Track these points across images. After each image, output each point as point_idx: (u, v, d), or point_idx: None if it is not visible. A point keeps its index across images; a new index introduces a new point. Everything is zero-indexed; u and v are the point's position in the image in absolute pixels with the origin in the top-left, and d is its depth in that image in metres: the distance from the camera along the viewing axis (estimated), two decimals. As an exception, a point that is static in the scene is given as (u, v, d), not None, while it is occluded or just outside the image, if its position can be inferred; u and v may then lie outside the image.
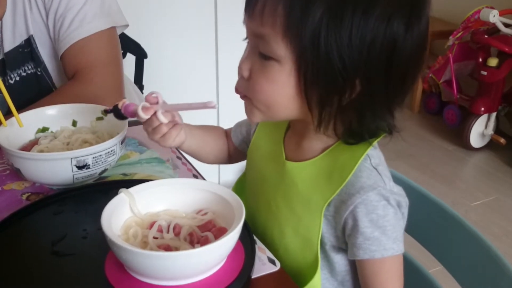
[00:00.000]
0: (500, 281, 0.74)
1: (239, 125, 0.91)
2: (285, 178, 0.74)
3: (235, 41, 2.18)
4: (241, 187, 0.88)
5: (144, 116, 0.74)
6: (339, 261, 0.73)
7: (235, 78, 0.71)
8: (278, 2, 0.61)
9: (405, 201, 0.70)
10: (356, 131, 0.67)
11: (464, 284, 0.82)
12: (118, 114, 0.77)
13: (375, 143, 0.70)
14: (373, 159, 0.69)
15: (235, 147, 0.90)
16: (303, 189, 0.72)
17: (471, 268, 0.81)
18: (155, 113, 0.74)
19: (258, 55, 0.65)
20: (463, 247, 0.82)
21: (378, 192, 0.66)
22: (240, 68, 0.68)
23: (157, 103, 0.74)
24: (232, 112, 2.18)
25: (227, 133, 0.92)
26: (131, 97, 1.35)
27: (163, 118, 0.74)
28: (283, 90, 0.65)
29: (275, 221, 0.76)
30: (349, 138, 0.68)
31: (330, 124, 0.66)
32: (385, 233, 0.67)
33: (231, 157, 0.92)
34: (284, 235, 0.74)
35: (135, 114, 0.75)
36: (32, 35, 1.12)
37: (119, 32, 1.19)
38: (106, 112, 0.83)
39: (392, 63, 0.62)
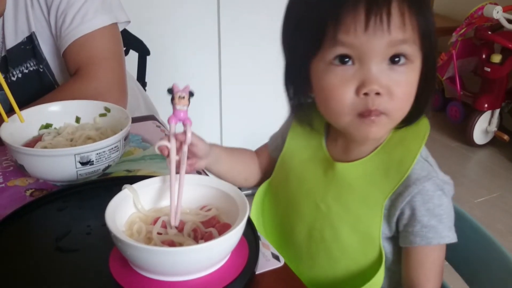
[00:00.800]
0: (504, 275, 0.74)
1: (274, 137, 0.90)
2: (336, 179, 0.76)
3: (238, 37, 2.19)
4: (265, 193, 0.87)
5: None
6: (388, 250, 0.75)
7: (237, 74, 0.71)
8: (409, 5, 0.64)
9: (452, 191, 0.73)
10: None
11: (467, 278, 0.83)
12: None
13: (427, 136, 0.72)
14: (423, 152, 0.73)
15: (273, 160, 0.88)
16: (358, 188, 0.74)
17: (474, 262, 0.81)
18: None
19: (387, 66, 0.65)
20: (467, 242, 0.82)
21: (433, 182, 0.70)
22: (375, 86, 0.65)
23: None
24: (234, 106, 2.18)
25: (258, 153, 0.91)
26: (134, 95, 1.35)
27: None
28: (415, 86, 0.68)
29: (326, 222, 0.76)
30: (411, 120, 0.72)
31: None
32: (441, 222, 0.70)
33: (266, 173, 0.90)
34: (339, 235, 0.74)
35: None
36: (34, 32, 1.12)
37: (120, 28, 1.19)
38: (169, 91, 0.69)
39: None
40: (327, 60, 0.66)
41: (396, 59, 0.65)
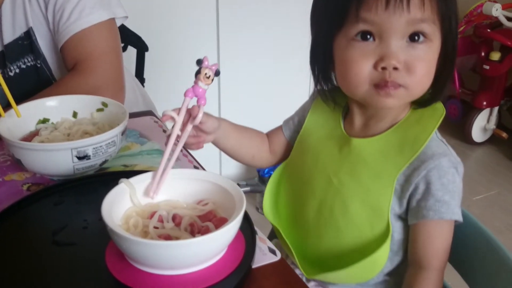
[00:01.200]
0: (500, 271, 0.74)
1: (288, 119, 0.92)
2: (351, 154, 0.78)
3: (236, 33, 2.19)
4: (281, 173, 0.89)
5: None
6: (397, 229, 0.76)
7: (236, 69, 0.71)
8: None
9: (463, 172, 0.76)
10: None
11: (465, 275, 0.82)
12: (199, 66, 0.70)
13: (442, 117, 0.76)
14: (438, 133, 0.76)
15: (287, 142, 0.91)
16: (372, 162, 0.76)
17: (473, 259, 0.81)
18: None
19: (406, 43, 0.69)
20: (466, 239, 0.82)
21: (448, 160, 0.73)
22: (390, 63, 0.68)
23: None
24: (232, 103, 2.18)
25: (269, 134, 0.92)
26: (132, 90, 1.35)
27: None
28: (433, 64, 0.72)
29: (337, 196, 0.78)
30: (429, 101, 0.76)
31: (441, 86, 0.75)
32: (453, 198, 0.73)
33: (277, 155, 0.92)
34: (348, 208, 0.76)
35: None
36: (31, 27, 1.12)
37: (118, 24, 1.19)
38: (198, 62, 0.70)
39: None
40: (350, 36, 0.71)
41: (416, 37, 0.69)
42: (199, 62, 0.69)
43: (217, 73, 0.69)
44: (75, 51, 1.10)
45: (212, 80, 0.69)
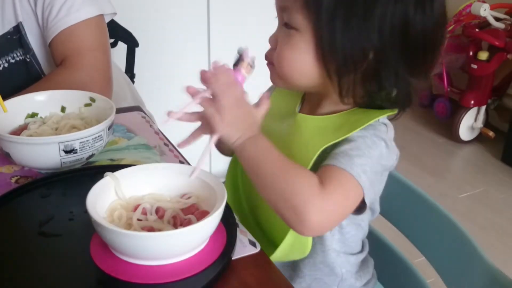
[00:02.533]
0: (479, 275, 0.75)
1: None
2: (291, 127, 0.80)
3: (227, 28, 2.20)
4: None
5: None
6: None
7: (226, 63, 0.73)
8: None
9: (394, 154, 0.75)
10: (375, 99, 0.73)
11: (444, 275, 0.85)
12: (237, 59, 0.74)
13: (390, 113, 0.75)
14: (382, 120, 0.75)
15: None
16: (306, 135, 0.77)
17: (452, 260, 0.83)
18: None
19: (283, 26, 0.74)
20: (444, 239, 0.85)
21: (374, 133, 0.72)
22: (269, 39, 0.77)
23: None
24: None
25: None
26: (120, 86, 1.37)
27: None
28: (303, 57, 0.72)
29: None
30: (367, 106, 0.75)
31: (349, 91, 0.73)
32: (360, 157, 0.69)
33: None
34: None
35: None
36: (21, 22, 1.13)
37: (107, 20, 1.21)
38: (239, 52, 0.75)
39: (407, 38, 0.68)
40: None
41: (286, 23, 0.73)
42: (241, 50, 0.73)
43: (252, 66, 0.74)
44: (64, 47, 1.12)
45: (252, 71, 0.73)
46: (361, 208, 0.73)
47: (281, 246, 0.76)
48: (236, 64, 0.73)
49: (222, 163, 0.92)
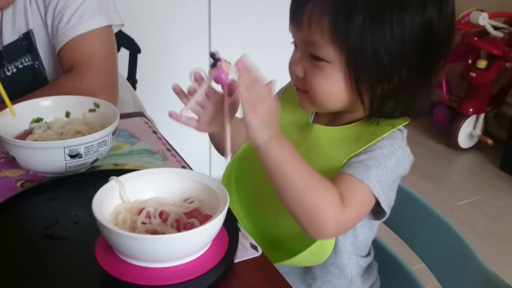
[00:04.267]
0: (477, 281, 0.76)
1: None
2: (308, 139, 0.82)
3: (228, 35, 2.22)
4: (244, 151, 0.91)
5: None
6: None
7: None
8: (323, 12, 0.70)
9: (408, 161, 0.77)
10: (393, 111, 0.76)
11: (442, 281, 0.86)
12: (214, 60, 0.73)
13: (404, 123, 0.77)
14: (404, 133, 0.78)
15: None
16: (325, 147, 0.79)
17: (450, 266, 0.84)
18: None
19: (309, 57, 0.74)
20: (443, 246, 0.86)
21: (391, 143, 0.74)
22: (294, 70, 0.77)
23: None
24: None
25: None
26: (123, 92, 1.38)
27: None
28: (338, 85, 0.74)
29: None
30: (385, 116, 0.76)
31: (380, 105, 0.75)
32: (377, 167, 0.72)
33: None
34: None
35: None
36: (31, 29, 1.15)
37: (114, 31, 1.23)
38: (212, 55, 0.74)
39: (431, 46, 0.71)
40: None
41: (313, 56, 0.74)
42: (213, 55, 0.72)
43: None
44: (72, 55, 1.14)
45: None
46: (379, 213, 0.76)
47: (303, 253, 0.77)
48: (214, 65, 0.71)
49: (221, 169, 0.93)
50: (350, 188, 0.71)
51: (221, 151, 0.94)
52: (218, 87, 0.75)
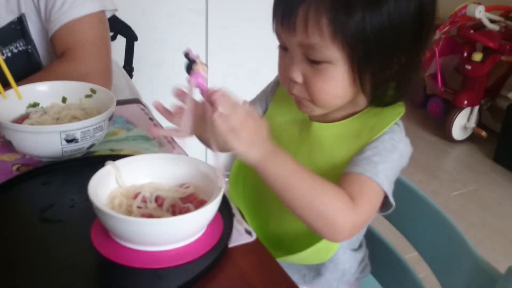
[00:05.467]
0: (469, 270, 0.77)
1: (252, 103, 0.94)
2: (309, 138, 0.81)
3: (225, 24, 2.21)
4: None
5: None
6: None
7: (224, 60, 0.75)
8: (320, 13, 0.67)
9: (408, 153, 0.77)
10: (392, 97, 0.76)
11: (435, 270, 0.87)
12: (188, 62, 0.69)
13: (402, 113, 0.78)
14: (401, 125, 0.79)
15: None
16: (328, 146, 0.79)
17: (443, 254, 0.85)
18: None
19: (306, 61, 0.72)
20: (437, 235, 0.87)
21: (392, 137, 0.75)
22: (290, 76, 0.73)
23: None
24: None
25: None
26: (119, 79, 1.38)
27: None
28: (341, 84, 0.72)
29: None
30: (385, 104, 0.77)
31: (383, 95, 0.75)
32: (383, 163, 0.73)
33: None
34: None
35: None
36: (24, 13, 1.15)
37: (108, 16, 1.23)
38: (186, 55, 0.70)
39: (422, 28, 0.71)
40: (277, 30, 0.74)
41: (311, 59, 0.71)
42: (187, 55, 0.69)
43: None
44: (66, 39, 1.14)
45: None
46: (384, 206, 0.76)
47: (307, 250, 0.78)
48: (190, 68, 0.68)
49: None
50: (360, 187, 0.71)
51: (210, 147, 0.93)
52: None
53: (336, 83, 0.72)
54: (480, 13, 2.51)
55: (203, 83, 0.67)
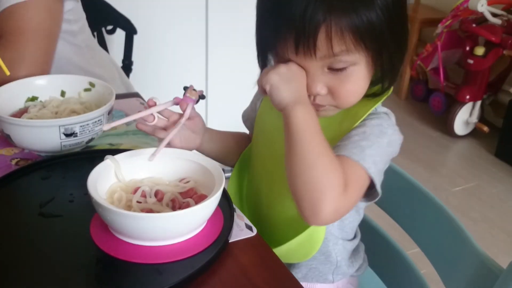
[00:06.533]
0: (471, 265, 0.77)
1: (246, 112, 0.95)
2: None
3: (225, 17, 2.20)
4: (245, 159, 0.92)
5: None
6: None
7: (223, 53, 0.74)
8: (343, 25, 0.66)
9: (398, 140, 0.77)
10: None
11: (437, 266, 0.86)
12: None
13: (384, 97, 0.77)
14: (380, 109, 0.78)
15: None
16: None
17: (445, 250, 0.85)
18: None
19: (328, 72, 0.71)
20: (438, 230, 0.86)
21: (379, 121, 0.75)
22: (314, 92, 0.72)
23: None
24: (220, 89, 2.21)
25: (250, 134, 0.96)
26: (114, 80, 1.34)
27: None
28: (365, 81, 0.73)
29: (284, 174, 0.76)
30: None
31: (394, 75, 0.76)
32: (370, 147, 0.72)
33: None
34: None
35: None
36: None
37: (69, 6, 1.16)
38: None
39: (405, 10, 0.74)
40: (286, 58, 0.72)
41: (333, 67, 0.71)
42: (186, 88, 0.78)
43: (202, 97, 0.78)
44: (5, 24, 1.07)
45: (198, 99, 0.77)
46: (370, 195, 0.75)
47: (291, 242, 0.77)
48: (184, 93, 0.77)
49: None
50: (350, 172, 0.70)
51: (225, 162, 0.94)
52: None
53: (362, 81, 0.73)
54: (482, 6, 2.49)
55: (193, 102, 0.77)
